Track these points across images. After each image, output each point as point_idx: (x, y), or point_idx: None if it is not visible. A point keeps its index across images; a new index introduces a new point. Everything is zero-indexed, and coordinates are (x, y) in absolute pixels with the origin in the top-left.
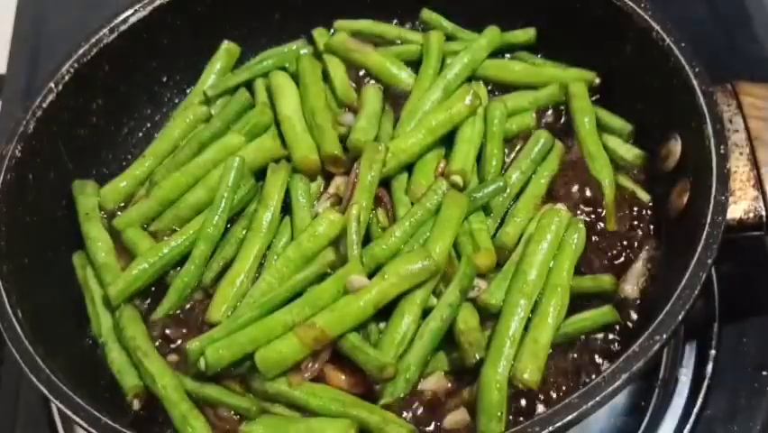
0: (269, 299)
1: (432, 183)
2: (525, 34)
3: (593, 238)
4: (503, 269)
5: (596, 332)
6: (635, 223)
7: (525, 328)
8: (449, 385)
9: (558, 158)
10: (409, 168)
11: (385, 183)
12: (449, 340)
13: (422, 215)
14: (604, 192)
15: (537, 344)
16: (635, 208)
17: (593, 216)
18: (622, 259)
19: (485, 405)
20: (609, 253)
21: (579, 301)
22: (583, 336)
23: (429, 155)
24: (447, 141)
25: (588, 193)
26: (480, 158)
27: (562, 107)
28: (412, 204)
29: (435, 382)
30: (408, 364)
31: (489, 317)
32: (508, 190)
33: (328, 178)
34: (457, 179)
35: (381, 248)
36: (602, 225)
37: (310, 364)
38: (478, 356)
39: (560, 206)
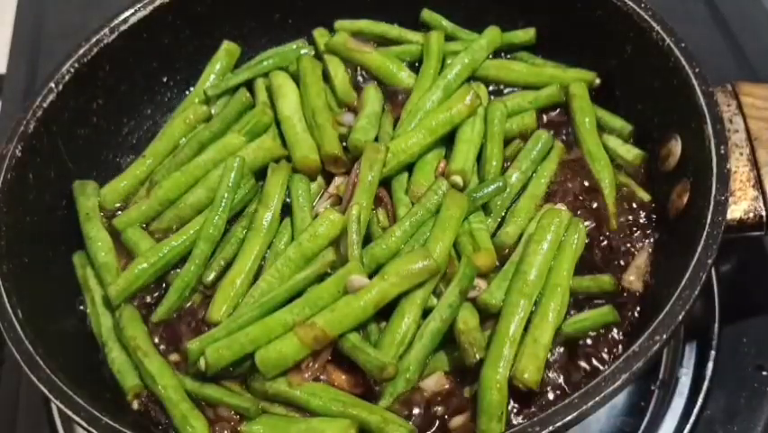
0: (270, 299)
1: (432, 183)
2: (526, 34)
3: (593, 238)
4: (503, 269)
5: (596, 332)
6: (635, 223)
7: (525, 328)
8: (449, 385)
9: (558, 158)
10: (409, 168)
11: (385, 183)
12: (449, 340)
13: (422, 215)
14: (604, 192)
15: (537, 344)
16: (636, 208)
17: (593, 216)
18: (622, 259)
19: (485, 405)
20: (609, 253)
21: (579, 301)
22: (583, 336)
23: (429, 155)
24: (447, 141)
25: (588, 193)
26: (480, 158)
27: (563, 108)
28: (412, 204)
29: (435, 382)
30: (408, 364)
31: (489, 317)
32: (508, 190)
33: (328, 178)
34: (457, 179)
35: (381, 248)
36: (602, 225)
37: (310, 364)
38: (478, 356)
39: (560, 206)
